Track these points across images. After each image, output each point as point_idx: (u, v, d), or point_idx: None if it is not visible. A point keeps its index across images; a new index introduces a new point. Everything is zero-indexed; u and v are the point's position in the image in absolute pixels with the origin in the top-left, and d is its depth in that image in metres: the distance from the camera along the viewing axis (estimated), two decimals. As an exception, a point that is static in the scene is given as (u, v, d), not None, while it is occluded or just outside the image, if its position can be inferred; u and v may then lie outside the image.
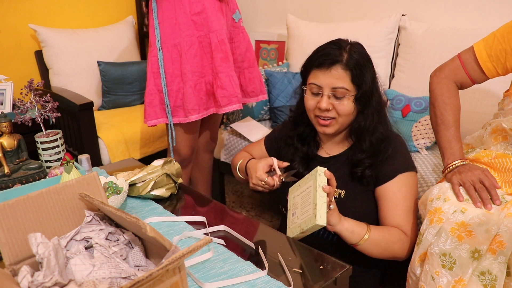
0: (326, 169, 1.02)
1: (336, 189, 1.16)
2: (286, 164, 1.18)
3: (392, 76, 2.05)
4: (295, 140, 1.24)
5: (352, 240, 1.05)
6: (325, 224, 0.96)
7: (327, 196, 0.99)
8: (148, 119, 1.70)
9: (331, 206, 1.00)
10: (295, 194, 1.10)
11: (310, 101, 1.13)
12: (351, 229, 1.04)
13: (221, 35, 1.63)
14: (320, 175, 1.01)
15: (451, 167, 1.07)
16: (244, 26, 1.82)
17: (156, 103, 1.68)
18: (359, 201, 1.14)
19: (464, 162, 1.07)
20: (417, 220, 1.40)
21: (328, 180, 1.01)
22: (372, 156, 1.12)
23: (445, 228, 0.92)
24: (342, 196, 1.15)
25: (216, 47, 1.62)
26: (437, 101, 1.16)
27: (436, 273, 0.93)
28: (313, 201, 0.99)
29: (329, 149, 1.22)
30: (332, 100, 1.09)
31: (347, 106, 1.09)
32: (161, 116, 1.70)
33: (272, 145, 1.35)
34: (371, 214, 1.15)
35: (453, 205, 0.95)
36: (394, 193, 1.11)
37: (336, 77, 1.07)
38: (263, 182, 1.14)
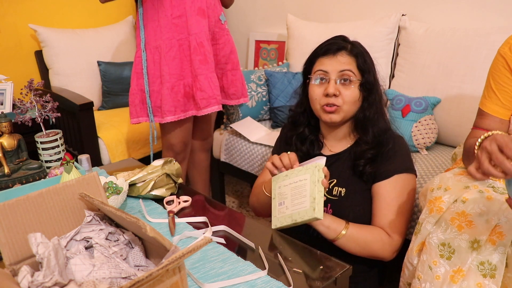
0: (324, 165, 1.03)
1: (336, 187, 1.16)
2: None
3: (392, 76, 2.05)
4: (293, 140, 1.24)
5: (329, 235, 1.06)
6: (322, 218, 0.99)
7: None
8: (130, 117, 1.76)
9: None
10: (282, 183, 1.08)
11: (316, 89, 1.13)
12: (327, 224, 1.05)
13: (200, 38, 1.65)
14: (319, 170, 1.01)
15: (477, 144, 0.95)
16: (244, 26, 1.83)
17: (136, 102, 1.73)
18: (359, 200, 1.14)
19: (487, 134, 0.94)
20: (414, 215, 1.40)
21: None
22: (375, 147, 1.12)
23: (445, 218, 0.92)
24: (342, 195, 1.15)
25: (195, 49, 1.65)
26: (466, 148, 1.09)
27: (433, 263, 0.93)
28: (310, 195, 1.00)
29: (331, 146, 1.22)
30: (339, 86, 1.10)
31: (353, 91, 1.10)
32: (141, 115, 1.75)
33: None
34: (370, 213, 1.15)
35: (454, 194, 0.94)
36: (387, 192, 1.11)
37: (342, 62, 1.10)
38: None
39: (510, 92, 1.07)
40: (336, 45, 1.12)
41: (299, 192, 1.02)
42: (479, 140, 0.92)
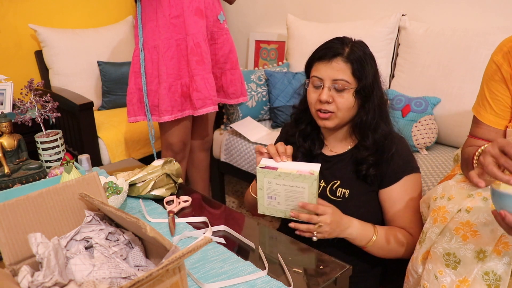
0: (318, 172, 1.01)
1: (340, 188, 1.16)
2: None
3: (392, 76, 2.05)
4: (296, 137, 1.24)
5: (358, 243, 1.07)
6: None
7: None
8: (128, 116, 1.77)
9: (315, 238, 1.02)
10: (273, 181, 1.04)
11: (312, 95, 1.13)
12: (355, 236, 1.05)
13: (197, 39, 1.66)
14: (317, 181, 1.00)
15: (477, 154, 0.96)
16: (244, 26, 1.83)
17: (134, 101, 1.74)
18: (363, 201, 1.14)
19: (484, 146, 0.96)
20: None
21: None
22: (376, 153, 1.12)
23: (449, 228, 0.92)
24: (346, 196, 1.15)
25: (192, 50, 1.66)
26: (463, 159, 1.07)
27: (439, 272, 0.93)
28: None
29: (332, 147, 1.22)
30: (333, 92, 1.09)
31: (347, 99, 1.09)
32: (139, 114, 1.76)
33: None
34: (374, 214, 1.15)
35: (457, 204, 0.93)
36: (400, 195, 1.11)
37: (336, 69, 1.08)
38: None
39: (503, 101, 1.05)
40: (332, 50, 1.09)
41: (296, 197, 1.02)
42: (479, 150, 0.92)
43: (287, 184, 1.03)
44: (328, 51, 1.10)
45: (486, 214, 0.89)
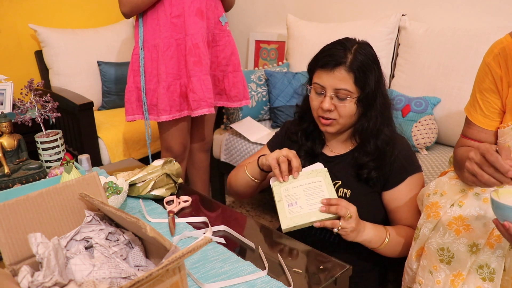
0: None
1: (342, 188, 1.16)
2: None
3: (392, 76, 2.05)
4: (299, 135, 1.24)
5: (372, 245, 1.07)
6: None
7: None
8: (126, 114, 1.76)
9: (335, 230, 1.01)
10: (289, 186, 1.07)
11: (314, 101, 1.13)
12: (370, 238, 1.05)
13: (196, 39, 1.65)
14: (328, 173, 1.06)
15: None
16: (244, 26, 1.83)
17: (133, 100, 1.74)
18: (364, 202, 1.14)
19: None
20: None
21: None
22: (377, 159, 1.12)
23: (442, 223, 0.92)
24: (348, 196, 1.15)
25: (190, 50, 1.65)
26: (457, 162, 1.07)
27: (434, 268, 0.93)
28: (330, 195, 1.03)
29: (333, 148, 1.22)
30: (335, 101, 1.09)
31: (348, 108, 1.09)
32: (137, 113, 1.76)
33: (278, 148, 1.33)
34: (374, 215, 1.15)
35: (450, 199, 0.94)
36: (405, 195, 1.12)
37: (339, 79, 1.07)
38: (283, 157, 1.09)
39: (492, 102, 1.06)
40: (334, 58, 1.07)
41: (315, 192, 1.03)
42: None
43: (303, 183, 1.06)
44: (330, 59, 1.08)
45: (478, 208, 0.89)
